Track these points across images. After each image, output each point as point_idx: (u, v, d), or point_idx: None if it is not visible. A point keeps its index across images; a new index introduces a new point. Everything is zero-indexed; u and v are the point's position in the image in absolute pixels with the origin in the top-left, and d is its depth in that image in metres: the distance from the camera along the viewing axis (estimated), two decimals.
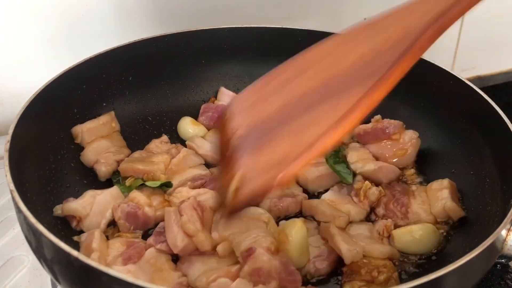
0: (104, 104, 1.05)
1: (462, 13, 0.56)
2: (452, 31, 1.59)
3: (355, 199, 0.91)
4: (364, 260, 0.78)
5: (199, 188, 0.91)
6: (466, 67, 1.56)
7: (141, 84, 1.10)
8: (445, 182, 0.90)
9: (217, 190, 0.79)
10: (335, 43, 0.66)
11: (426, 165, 1.00)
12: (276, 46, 1.15)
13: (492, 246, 0.66)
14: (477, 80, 0.93)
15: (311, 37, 1.11)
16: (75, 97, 0.99)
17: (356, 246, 0.79)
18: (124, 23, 1.25)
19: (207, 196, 0.86)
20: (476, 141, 0.92)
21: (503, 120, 0.84)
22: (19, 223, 0.75)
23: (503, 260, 0.86)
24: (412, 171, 0.99)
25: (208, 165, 1.00)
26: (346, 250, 0.77)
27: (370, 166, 0.95)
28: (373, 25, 0.62)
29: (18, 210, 0.69)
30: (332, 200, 0.92)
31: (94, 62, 0.99)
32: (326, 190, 0.95)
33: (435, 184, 0.91)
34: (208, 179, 0.93)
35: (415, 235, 0.83)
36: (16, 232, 0.94)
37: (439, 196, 0.88)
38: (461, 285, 0.66)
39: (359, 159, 0.98)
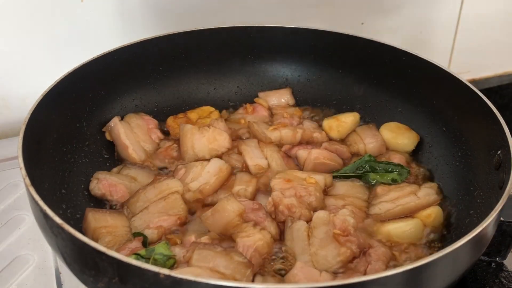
0: (111, 100, 1.07)
1: None
2: (448, 35, 1.61)
3: None
4: None
5: None
6: (461, 70, 1.58)
7: (145, 81, 1.12)
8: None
9: None
10: None
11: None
12: (277, 45, 1.17)
13: (480, 236, 0.68)
14: (472, 83, 0.95)
15: (313, 36, 1.15)
16: (83, 93, 1.01)
17: None
18: (127, 26, 1.26)
19: None
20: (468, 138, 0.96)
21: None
22: (34, 216, 0.76)
23: (497, 259, 0.88)
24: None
25: None
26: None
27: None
28: None
29: (35, 204, 0.71)
30: None
31: (101, 61, 1.01)
32: None
33: None
34: None
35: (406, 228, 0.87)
36: (22, 231, 0.95)
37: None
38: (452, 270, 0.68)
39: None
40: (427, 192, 0.93)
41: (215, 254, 0.74)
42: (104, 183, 0.93)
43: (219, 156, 1.01)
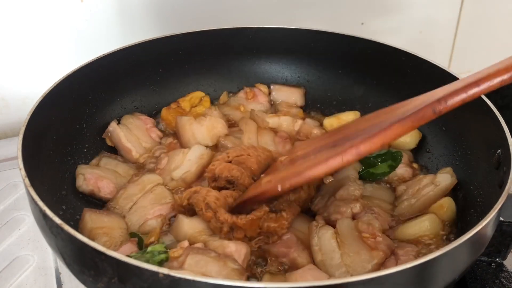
0: (111, 101, 1.07)
1: (454, 104, 0.69)
2: (448, 34, 1.61)
3: None
4: None
5: None
6: (461, 70, 1.58)
7: (145, 82, 1.12)
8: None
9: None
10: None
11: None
12: (277, 46, 1.17)
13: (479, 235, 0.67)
14: None
15: (313, 37, 1.15)
16: (83, 94, 1.01)
17: None
18: (127, 27, 1.26)
19: None
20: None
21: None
22: (33, 216, 0.76)
23: (497, 259, 0.88)
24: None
25: None
26: None
27: None
28: (391, 107, 0.80)
29: (34, 205, 0.71)
30: None
31: (101, 62, 1.01)
32: None
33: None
34: None
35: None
36: (22, 232, 0.96)
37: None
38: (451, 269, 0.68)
39: None
40: (444, 178, 0.91)
41: (208, 259, 0.73)
42: (90, 177, 0.93)
43: (219, 142, 1.04)
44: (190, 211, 0.86)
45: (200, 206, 0.82)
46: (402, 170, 0.98)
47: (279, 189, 0.77)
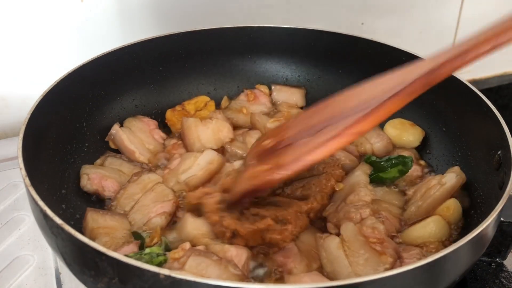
0: (111, 100, 1.07)
1: (444, 76, 0.71)
2: (448, 34, 1.61)
3: None
4: None
5: None
6: (461, 70, 1.58)
7: (145, 81, 1.13)
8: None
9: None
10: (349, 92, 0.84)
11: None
12: (277, 45, 1.17)
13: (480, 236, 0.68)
14: (472, 83, 0.95)
15: (313, 36, 1.15)
16: (83, 93, 1.01)
17: None
18: (127, 26, 1.26)
19: None
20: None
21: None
22: (34, 216, 0.76)
23: (497, 259, 0.88)
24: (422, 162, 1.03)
25: None
26: None
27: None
28: (376, 81, 0.79)
29: (34, 204, 0.71)
30: None
31: (101, 61, 1.02)
32: None
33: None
34: None
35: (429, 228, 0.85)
36: (22, 232, 0.95)
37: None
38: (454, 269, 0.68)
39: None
40: (450, 177, 0.90)
41: (210, 262, 0.72)
42: (94, 177, 0.93)
43: (224, 146, 1.04)
44: (198, 210, 0.85)
45: (208, 208, 0.82)
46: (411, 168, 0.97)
47: (279, 177, 0.76)
